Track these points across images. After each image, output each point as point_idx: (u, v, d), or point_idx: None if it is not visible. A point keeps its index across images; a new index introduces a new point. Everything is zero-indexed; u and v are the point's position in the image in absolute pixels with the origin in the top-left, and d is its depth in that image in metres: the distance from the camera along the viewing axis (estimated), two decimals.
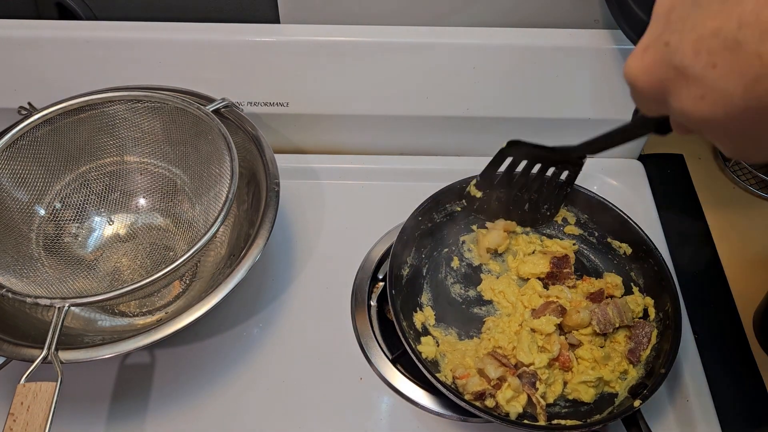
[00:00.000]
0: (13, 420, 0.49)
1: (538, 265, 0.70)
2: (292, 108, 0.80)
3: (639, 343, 0.64)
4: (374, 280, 0.73)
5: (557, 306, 0.65)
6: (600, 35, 0.77)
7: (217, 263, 0.71)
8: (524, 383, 0.60)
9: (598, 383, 0.62)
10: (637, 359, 0.63)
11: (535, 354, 0.62)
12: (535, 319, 0.65)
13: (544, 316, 0.65)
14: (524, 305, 0.68)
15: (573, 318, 0.64)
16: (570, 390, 0.62)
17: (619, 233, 0.72)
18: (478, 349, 0.64)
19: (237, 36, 0.76)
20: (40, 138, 0.69)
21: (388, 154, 0.86)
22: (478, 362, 0.62)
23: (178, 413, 0.63)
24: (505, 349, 0.63)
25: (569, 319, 0.64)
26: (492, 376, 0.60)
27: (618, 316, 0.64)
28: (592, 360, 0.63)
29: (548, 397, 0.61)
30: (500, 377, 0.60)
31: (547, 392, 0.61)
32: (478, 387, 0.59)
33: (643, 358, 0.63)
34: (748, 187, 0.86)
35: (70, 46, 0.76)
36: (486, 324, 0.68)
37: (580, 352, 0.64)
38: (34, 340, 0.55)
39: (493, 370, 0.60)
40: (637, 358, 0.63)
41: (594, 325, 0.64)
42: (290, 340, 0.68)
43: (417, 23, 0.78)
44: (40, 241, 0.70)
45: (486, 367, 0.60)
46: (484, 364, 0.61)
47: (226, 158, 0.66)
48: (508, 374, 0.61)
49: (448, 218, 0.74)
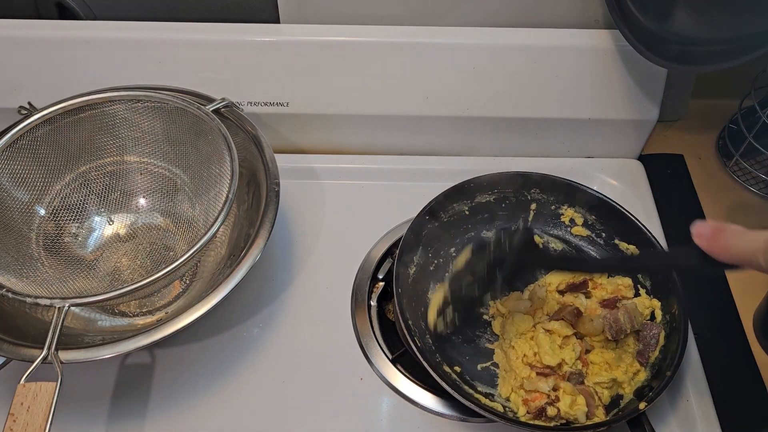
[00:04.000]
0: (13, 420, 0.49)
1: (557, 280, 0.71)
2: (292, 108, 0.80)
3: (647, 345, 0.64)
4: (374, 280, 0.73)
5: (573, 309, 0.65)
6: (600, 35, 0.77)
7: (217, 263, 0.71)
8: (574, 383, 0.61)
9: (612, 385, 0.62)
10: (646, 360, 0.63)
11: (559, 353, 0.62)
12: (551, 321, 0.65)
13: (561, 320, 0.65)
14: (537, 307, 0.68)
15: (586, 326, 0.64)
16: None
17: (626, 235, 0.71)
18: (508, 358, 0.64)
19: (237, 36, 0.76)
20: (40, 138, 0.69)
21: (388, 154, 0.86)
22: (526, 383, 0.62)
23: (178, 413, 0.63)
24: (528, 356, 0.63)
25: (583, 327, 0.64)
26: (546, 390, 0.60)
27: (629, 321, 0.64)
28: (604, 363, 0.63)
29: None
30: (554, 387, 0.60)
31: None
32: (540, 402, 0.60)
33: (652, 359, 0.63)
34: (748, 187, 0.86)
35: (70, 46, 0.76)
36: (494, 326, 0.68)
37: (592, 356, 0.64)
38: (34, 340, 0.55)
39: (544, 385, 0.60)
40: (646, 360, 0.63)
41: (606, 332, 0.64)
42: (290, 340, 0.68)
43: (417, 23, 0.78)
44: (40, 241, 0.70)
45: (537, 384, 0.61)
46: (533, 384, 0.61)
47: (226, 158, 0.66)
48: (560, 381, 0.61)
49: (455, 218, 0.74)
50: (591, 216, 0.74)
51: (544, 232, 0.76)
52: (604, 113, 0.81)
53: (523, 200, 0.75)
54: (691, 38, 0.64)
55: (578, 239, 0.75)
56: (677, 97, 0.90)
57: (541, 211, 0.76)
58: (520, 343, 0.64)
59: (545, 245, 0.74)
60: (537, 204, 0.75)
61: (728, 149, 0.88)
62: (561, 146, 0.85)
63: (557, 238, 0.76)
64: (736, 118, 0.85)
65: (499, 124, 0.82)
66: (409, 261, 0.69)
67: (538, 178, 0.74)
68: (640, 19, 0.69)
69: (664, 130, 0.92)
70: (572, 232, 0.75)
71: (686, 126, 0.93)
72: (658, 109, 0.81)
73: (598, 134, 0.83)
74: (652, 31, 0.68)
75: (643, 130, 0.83)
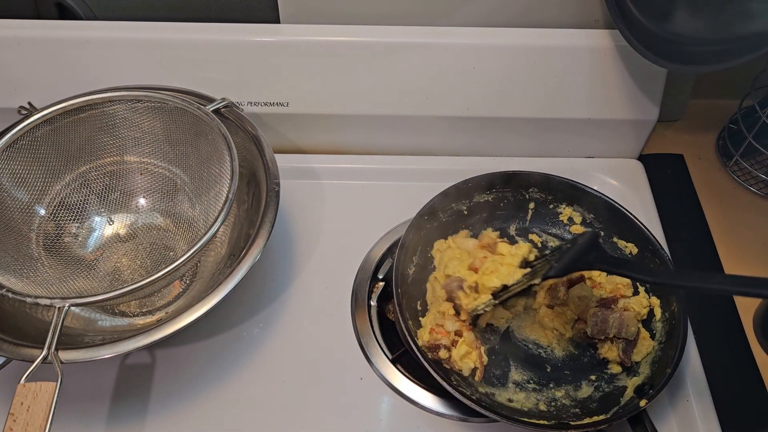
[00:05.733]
0: (13, 420, 0.49)
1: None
2: (292, 108, 0.80)
3: (603, 325, 0.64)
4: (374, 280, 0.73)
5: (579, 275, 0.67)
6: (600, 35, 0.77)
7: (217, 263, 0.71)
8: (453, 289, 0.64)
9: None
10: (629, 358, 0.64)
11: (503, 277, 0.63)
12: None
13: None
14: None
15: (576, 291, 0.66)
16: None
17: (624, 233, 0.72)
18: (434, 288, 0.68)
19: (237, 36, 0.76)
20: (40, 138, 0.69)
21: (388, 154, 0.86)
22: (438, 317, 0.64)
23: (178, 413, 0.63)
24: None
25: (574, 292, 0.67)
26: (449, 329, 0.62)
27: (616, 328, 0.64)
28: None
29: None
30: (457, 331, 0.62)
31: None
32: (433, 340, 0.63)
33: (640, 356, 0.64)
34: (748, 187, 0.86)
35: (70, 46, 0.76)
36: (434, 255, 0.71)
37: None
38: (34, 340, 0.55)
39: (450, 324, 0.62)
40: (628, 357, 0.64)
41: (587, 327, 0.64)
42: (290, 340, 0.68)
43: (417, 23, 0.78)
44: (40, 241, 0.70)
45: (445, 322, 0.63)
46: (443, 319, 0.63)
47: (226, 158, 0.66)
48: (465, 330, 0.63)
49: (455, 217, 0.74)
50: (590, 215, 0.74)
51: (543, 230, 0.76)
52: (604, 113, 0.81)
53: (521, 199, 0.75)
54: (691, 38, 0.64)
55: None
56: (677, 97, 0.90)
57: (540, 210, 0.76)
58: (455, 265, 0.66)
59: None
60: (535, 203, 0.76)
61: (728, 149, 0.88)
62: (561, 146, 0.85)
63: (556, 237, 0.76)
64: (736, 118, 0.85)
65: (499, 124, 0.82)
66: (409, 261, 0.69)
67: (536, 177, 0.74)
68: (640, 19, 0.69)
69: (664, 130, 0.92)
70: (571, 230, 0.75)
71: (686, 126, 0.93)
72: (658, 109, 0.81)
73: (598, 134, 0.83)
74: (652, 31, 0.68)
75: (643, 130, 0.83)
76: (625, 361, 0.63)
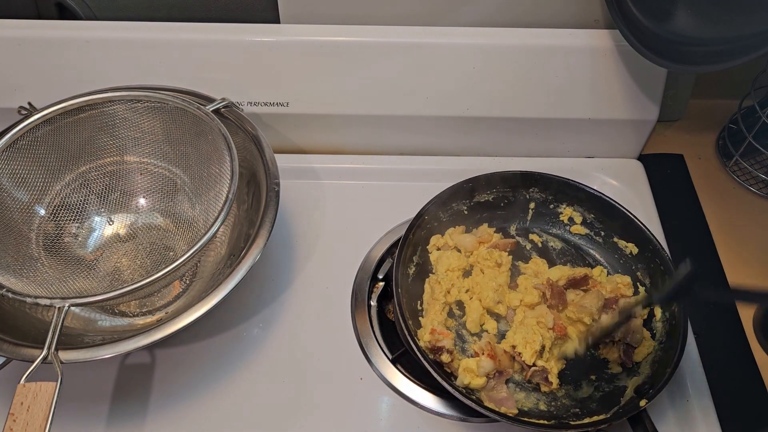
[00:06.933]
0: (13, 420, 0.49)
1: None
2: (292, 108, 0.80)
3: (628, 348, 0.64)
4: (374, 280, 0.73)
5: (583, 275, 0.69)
6: (600, 35, 0.77)
7: (217, 263, 0.71)
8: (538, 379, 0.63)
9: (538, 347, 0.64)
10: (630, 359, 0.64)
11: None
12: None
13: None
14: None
15: (587, 299, 0.66)
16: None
17: (625, 233, 0.72)
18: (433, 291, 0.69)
19: (237, 36, 0.76)
20: (40, 138, 0.69)
21: (388, 154, 0.86)
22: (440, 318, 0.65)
23: (178, 413, 0.63)
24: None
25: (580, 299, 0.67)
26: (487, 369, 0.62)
27: (622, 333, 0.64)
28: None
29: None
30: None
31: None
32: (434, 340, 0.63)
33: (641, 356, 0.64)
34: (748, 187, 0.86)
35: (70, 46, 0.76)
36: (431, 257, 0.72)
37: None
38: (34, 340, 0.55)
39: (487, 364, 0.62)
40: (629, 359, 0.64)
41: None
42: (290, 340, 0.68)
43: (417, 23, 0.78)
44: (40, 241, 0.70)
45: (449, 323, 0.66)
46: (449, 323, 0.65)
47: (226, 158, 0.66)
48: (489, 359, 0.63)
49: (455, 217, 0.74)
50: (590, 215, 0.74)
51: (543, 230, 0.76)
52: (604, 113, 0.81)
53: (521, 199, 0.75)
54: (691, 38, 0.64)
55: (577, 238, 0.75)
56: (677, 97, 0.90)
57: (540, 210, 0.76)
58: (450, 277, 0.69)
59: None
60: (536, 203, 0.76)
61: (728, 149, 0.88)
62: (561, 146, 0.85)
63: (556, 237, 0.76)
64: (736, 118, 0.85)
65: (499, 124, 0.82)
66: (408, 261, 0.69)
67: (537, 177, 0.74)
68: (640, 19, 0.69)
69: (664, 130, 0.92)
70: (571, 230, 0.75)
71: (686, 126, 0.93)
72: (658, 109, 0.81)
73: (598, 134, 0.83)
74: (652, 31, 0.68)
75: (643, 130, 0.83)
76: (627, 363, 0.64)
